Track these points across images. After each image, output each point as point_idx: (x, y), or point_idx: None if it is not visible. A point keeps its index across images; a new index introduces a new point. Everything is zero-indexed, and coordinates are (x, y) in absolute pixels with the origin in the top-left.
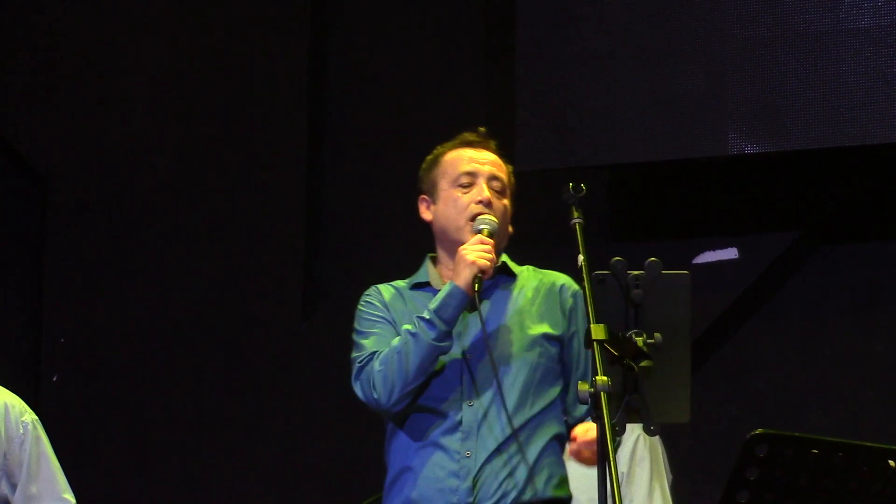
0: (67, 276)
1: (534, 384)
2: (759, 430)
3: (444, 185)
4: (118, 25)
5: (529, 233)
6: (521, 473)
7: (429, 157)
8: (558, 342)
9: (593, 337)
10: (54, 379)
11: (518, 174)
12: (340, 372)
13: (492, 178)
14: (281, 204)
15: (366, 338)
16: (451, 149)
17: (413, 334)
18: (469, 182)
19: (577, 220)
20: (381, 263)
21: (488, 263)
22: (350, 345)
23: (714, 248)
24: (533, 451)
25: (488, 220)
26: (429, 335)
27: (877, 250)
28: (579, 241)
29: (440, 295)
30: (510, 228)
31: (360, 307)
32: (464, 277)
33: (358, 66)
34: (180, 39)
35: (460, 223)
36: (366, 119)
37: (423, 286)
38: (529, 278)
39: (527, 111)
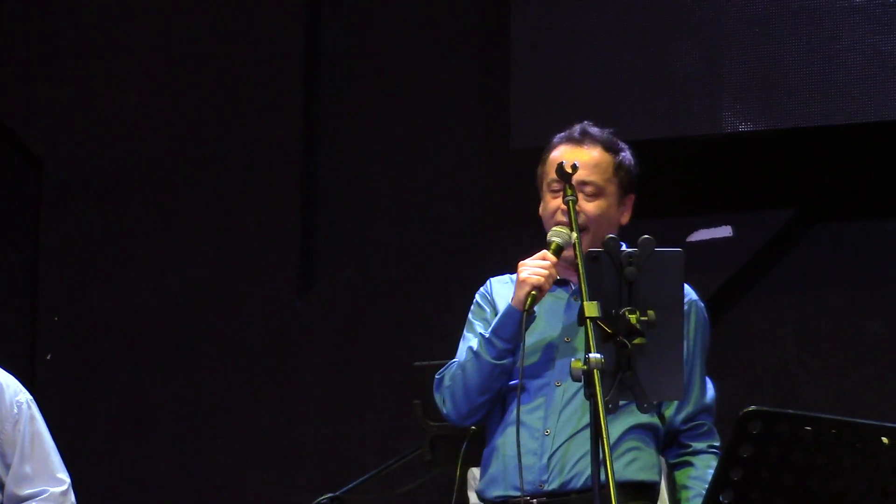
0: (62, 255)
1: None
2: (752, 408)
3: (543, 186)
4: (113, 5)
5: (526, 211)
6: (599, 456)
7: (543, 155)
8: None
9: (586, 314)
10: (48, 358)
11: (515, 152)
12: (336, 350)
13: (581, 183)
14: (276, 182)
15: (463, 340)
16: (555, 146)
17: (475, 352)
18: (560, 188)
19: (570, 198)
20: (378, 240)
21: (542, 280)
22: (346, 323)
23: (708, 226)
24: (615, 436)
25: (558, 233)
26: (488, 355)
27: (873, 228)
28: (572, 219)
29: (500, 314)
30: (625, 218)
31: (472, 306)
32: (517, 297)
33: (353, 43)
34: (176, 19)
35: (549, 228)
36: (361, 97)
37: None
38: None
39: (521, 89)
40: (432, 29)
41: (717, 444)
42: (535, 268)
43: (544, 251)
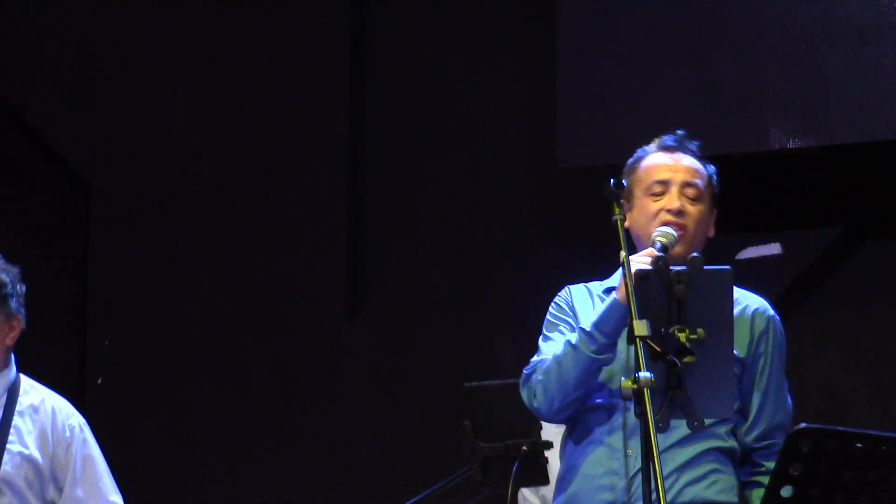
0: (111, 278)
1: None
2: (802, 425)
3: (638, 193)
4: (158, 25)
5: (573, 231)
6: (680, 477)
7: (630, 161)
8: (740, 364)
9: (636, 333)
10: (99, 381)
11: (562, 172)
12: (384, 373)
13: (685, 185)
14: (323, 203)
15: (545, 341)
16: (648, 154)
17: (573, 346)
18: (661, 190)
19: (618, 217)
20: (425, 262)
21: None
22: (394, 346)
23: (757, 243)
24: (696, 457)
25: (665, 233)
26: (589, 348)
27: None
28: (621, 238)
29: (602, 307)
30: (712, 231)
31: (549, 308)
32: (622, 292)
33: (399, 64)
34: (221, 39)
35: (650, 231)
36: (406, 117)
37: (613, 290)
38: (742, 300)
39: (568, 108)
40: (477, 47)
41: None
42: (642, 263)
43: (650, 248)
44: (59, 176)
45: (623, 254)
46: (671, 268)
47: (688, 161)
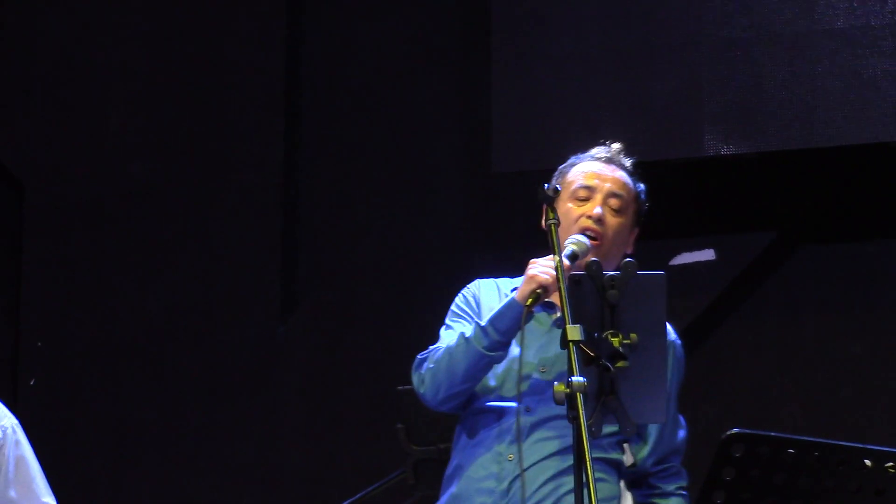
0: (44, 279)
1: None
2: (734, 430)
3: (565, 197)
4: (94, 28)
5: (507, 234)
6: (562, 485)
7: (562, 166)
8: None
9: (569, 338)
10: (31, 383)
11: (496, 176)
12: (318, 375)
13: (610, 195)
14: (257, 205)
15: (445, 330)
16: (580, 161)
17: (467, 339)
18: (586, 196)
19: (552, 221)
20: (359, 265)
21: (550, 280)
22: (328, 348)
23: (691, 249)
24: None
25: (578, 241)
26: (481, 343)
27: (854, 251)
28: (553, 243)
29: (500, 305)
30: (630, 248)
31: (455, 299)
32: (521, 291)
33: (334, 67)
34: (156, 42)
35: (568, 236)
36: (342, 120)
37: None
38: None
39: (502, 113)
40: (413, 51)
41: (685, 484)
42: (545, 267)
43: (553, 255)
44: None
45: (556, 258)
46: (605, 273)
47: (617, 174)
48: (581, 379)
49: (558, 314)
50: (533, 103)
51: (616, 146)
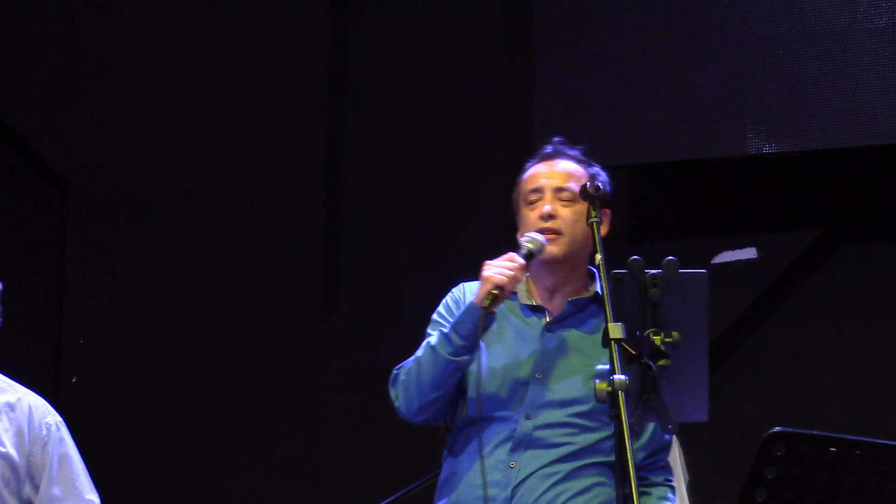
0: (87, 277)
1: (595, 414)
2: (776, 429)
3: (521, 205)
4: (138, 25)
5: None
6: (564, 491)
7: (518, 179)
8: None
9: (611, 336)
10: (73, 380)
11: None
12: (360, 373)
13: (558, 189)
14: (300, 203)
15: (426, 337)
16: (528, 167)
17: (432, 347)
18: (536, 198)
19: (594, 220)
20: (402, 261)
21: (505, 280)
22: (370, 346)
23: (732, 247)
24: (581, 471)
25: (532, 239)
26: (446, 350)
27: None
28: (596, 240)
29: (461, 310)
30: (603, 230)
31: (438, 306)
32: (479, 294)
33: (377, 65)
34: (200, 39)
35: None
36: (385, 118)
37: (512, 296)
38: None
39: (545, 111)
40: (456, 50)
41: (671, 478)
42: (499, 267)
43: (512, 253)
44: (37, 174)
45: (598, 256)
46: (647, 271)
47: (562, 166)
48: (623, 377)
49: (548, 318)
50: (576, 101)
51: (556, 139)
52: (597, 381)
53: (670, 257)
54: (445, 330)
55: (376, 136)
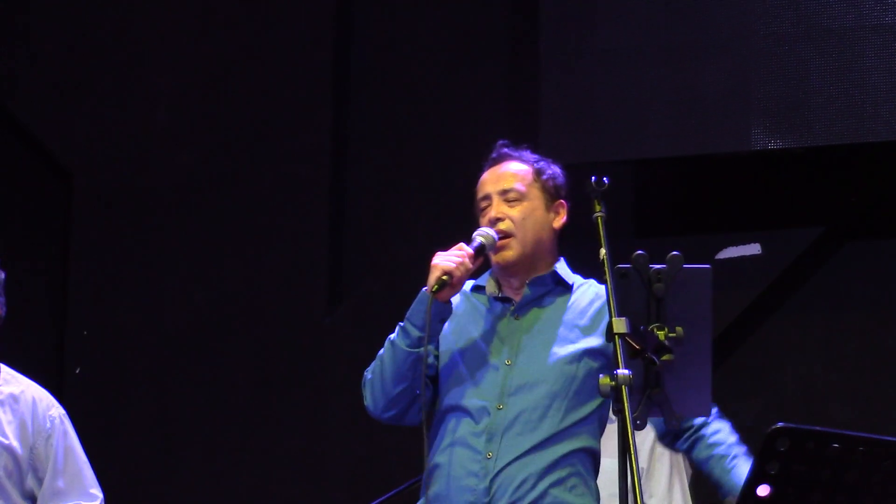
0: (92, 269)
1: (569, 396)
2: (779, 424)
3: (478, 215)
4: (143, 20)
5: None
6: (541, 480)
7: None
8: (604, 357)
9: (615, 330)
10: (77, 372)
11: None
12: (364, 367)
13: (502, 192)
14: (305, 197)
15: None
16: (482, 174)
17: (392, 342)
18: (486, 205)
19: (599, 214)
20: (407, 255)
21: (453, 266)
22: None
23: (737, 243)
24: (558, 461)
25: (484, 233)
26: (403, 342)
27: None
28: (601, 235)
29: (415, 300)
30: (557, 223)
31: None
32: (428, 281)
33: (382, 61)
34: (205, 33)
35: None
36: (389, 114)
37: (480, 290)
38: (586, 292)
39: (550, 106)
40: (461, 46)
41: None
42: (448, 255)
43: (461, 243)
44: (42, 166)
45: (603, 251)
46: (651, 266)
47: (505, 168)
48: (627, 372)
49: (514, 306)
50: (581, 97)
51: (501, 143)
52: (601, 376)
53: (675, 252)
54: (401, 322)
55: (381, 130)
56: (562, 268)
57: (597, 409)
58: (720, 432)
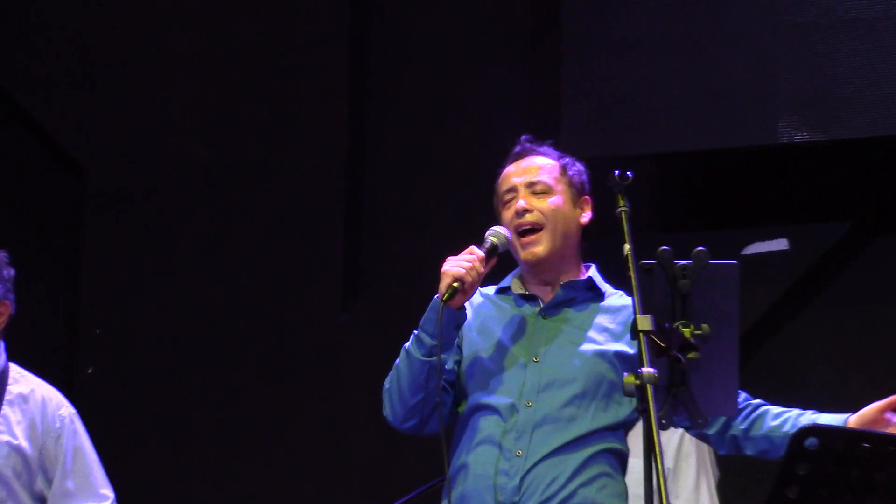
0: (104, 266)
1: (598, 397)
2: (808, 423)
3: (500, 209)
4: (157, 10)
5: None
6: (571, 479)
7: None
8: (633, 363)
9: (639, 328)
10: (89, 371)
11: None
12: (381, 364)
13: (529, 184)
14: (320, 193)
15: None
16: (503, 171)
17: (407, 351)
18: (511, 198)
19: (622, 209)
20: (423, 253)
21: (464, 272)
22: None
23: (764, 238)
24: (587, 460)
25: (496, 233)
26: (418, 352)
27: None
28: (624, 231)
29: (428, 308)
30: (583, 219)
31: None
32: (439, 289)
33: (400, 55)
34: (219, 25)
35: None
36: (407, 109)
37: (505, 291)
38: (619, 299)
39: (572, 99)
40: (480, 39)
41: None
42: (458, 260)
43: (472, 246)
44: (53, 160)
45: (627, 246)
46: (676, 262)
47: (531, 161)
48: (651, 370)
49: (542, 304)
50: (602, 90)
51: (524, 138)
52: (625, 374)
53: (700, 248)
54: (416, 331)
55: (398, 124)
56: (595, 275)
57: (627, 412)
58: (775, 407)
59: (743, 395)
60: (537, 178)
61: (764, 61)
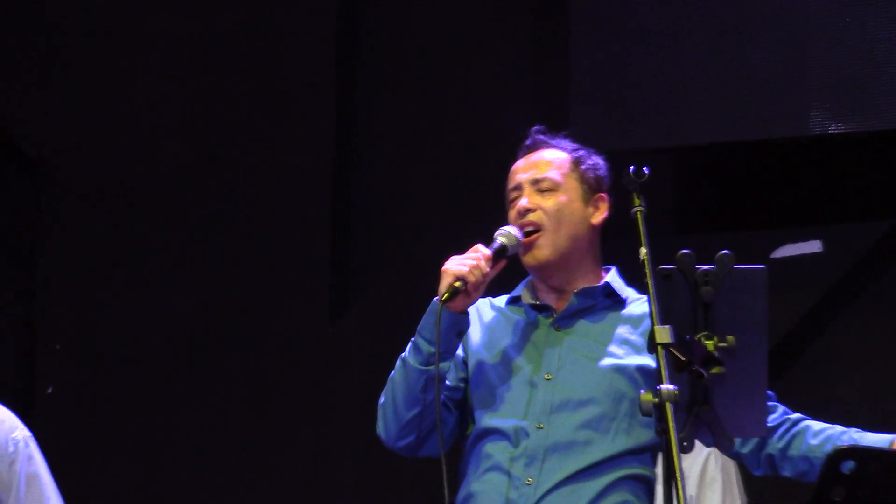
0: (64, 274)
1: (618, 418)
2: (844, 445)
3: (508, 209)
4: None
5: None
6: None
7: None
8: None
9: (657, 340)
10: (48, 391)
11: None
12: (370, 379)
13: (534, 181)
14: (305, 193)
15: None
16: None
17: (403, 360)
18: (516, 196)
19: (638, 209)
20: (416, 262)
21: (466, 270)
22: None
23: (795, 240)
24: (607, 488)
25: (506, 232)
26: (416, 360)
27: None
28: (641, 232)
29: (426, 312)
30: (596, 219)
31: None
32: (439, 288)
33: (394, 39)
34: (195, 9)
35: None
36: (402, 98)
37: (516, 301)
38: (642, 306)
39: (582, 89)
40: (482, 25)
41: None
42: (461, 258)
43: (478, 245)
44: (6, 158)
45: (643, 250)
46: (697, 267)
47: (539, 156)
48: (671, 387)
49: (554, 315)
50: (615, 78)
51: (536, 129)
52: (641, 392)
53: (724, 251)
54: (413, 338)
55: (392, 116)
56: (614, 279)
57: (653, 434)
58: (817, 423)
59: (780, 409)
60: (543, 175)
61: (793, 45)
